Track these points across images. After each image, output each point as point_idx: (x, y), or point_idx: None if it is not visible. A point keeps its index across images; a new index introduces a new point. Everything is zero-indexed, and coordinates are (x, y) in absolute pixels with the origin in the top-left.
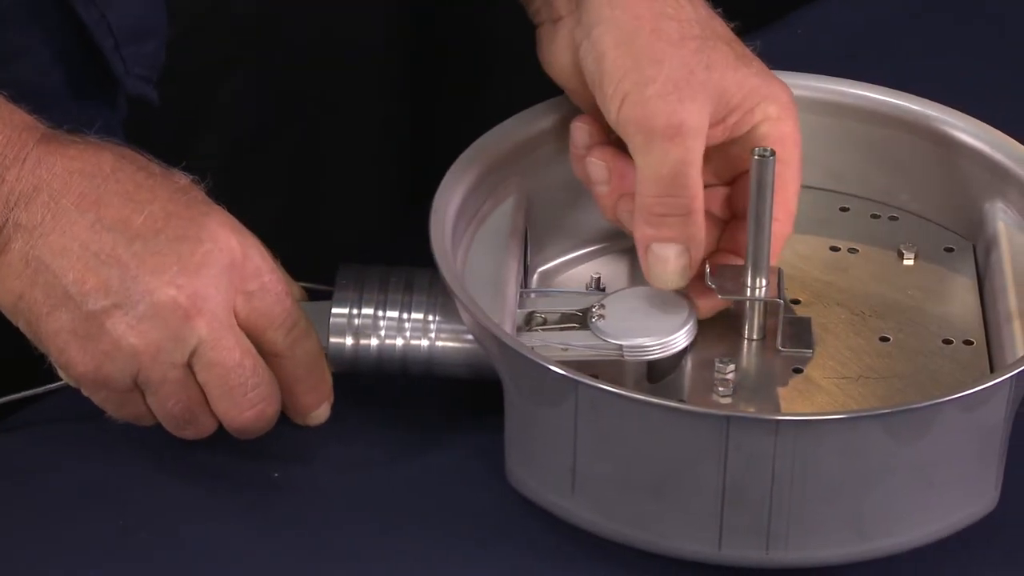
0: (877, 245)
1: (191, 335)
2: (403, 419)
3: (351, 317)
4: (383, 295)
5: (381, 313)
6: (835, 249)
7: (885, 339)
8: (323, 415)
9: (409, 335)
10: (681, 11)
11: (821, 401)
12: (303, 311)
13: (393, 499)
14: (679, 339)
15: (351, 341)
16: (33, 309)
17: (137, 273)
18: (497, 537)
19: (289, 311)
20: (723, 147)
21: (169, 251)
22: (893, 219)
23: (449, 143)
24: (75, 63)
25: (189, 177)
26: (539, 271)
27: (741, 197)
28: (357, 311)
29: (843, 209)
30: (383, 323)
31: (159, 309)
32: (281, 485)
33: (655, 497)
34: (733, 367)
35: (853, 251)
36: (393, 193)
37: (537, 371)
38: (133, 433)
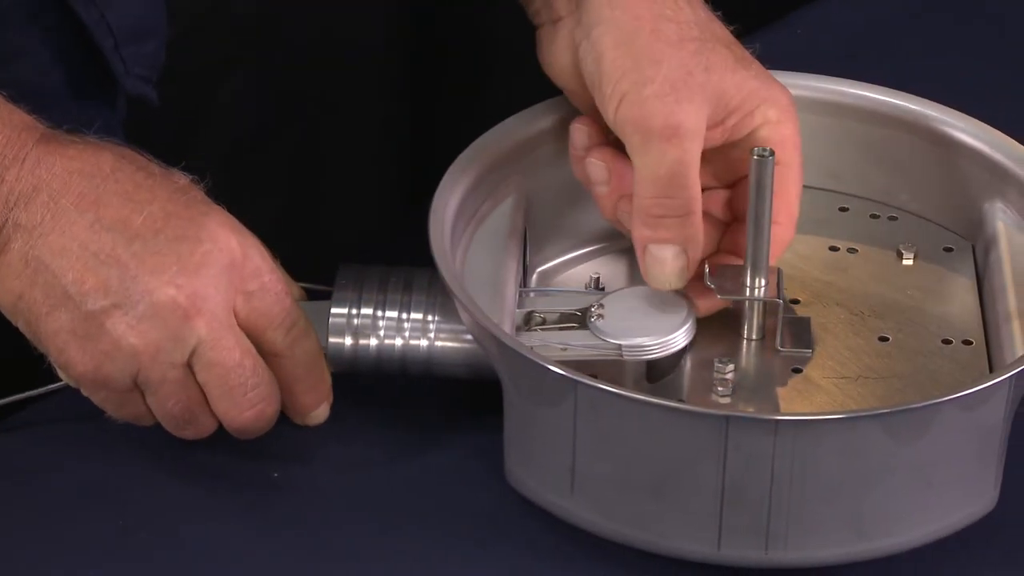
0: (876, 245)
1: (191, 335)
2: (402, 419)
3: (350, 317)
4: (382, 295)
5: (380, 313)
6: (834, 249)
7: (884, 339)
8: (322, 415)
9: (408, 335)
10: (680, 13)
11: (820, 401)
12: (302, 311)
13: (392, 499)
14: (678, 339)
15: (350, 341)
16: (33, 309)
17: (136, 273)
18: (496, 537)
19: (288, 311)
20: (723, 150)
21: (168, 251)
22: (892, 219)
23: (449, 143)
24: (75, 63)
25: (188, 177)
26: (538, 271)
27: (742, 200)
28: (356, 311)
29: (842, 209)
30: (382, 323)
31: (158, 309)
32: (281, 485)
33: (654, 497)
34: (732, 367)
35: (852, 251)
36: (393, 193)
37: (536, 371)
38: (133, 433)
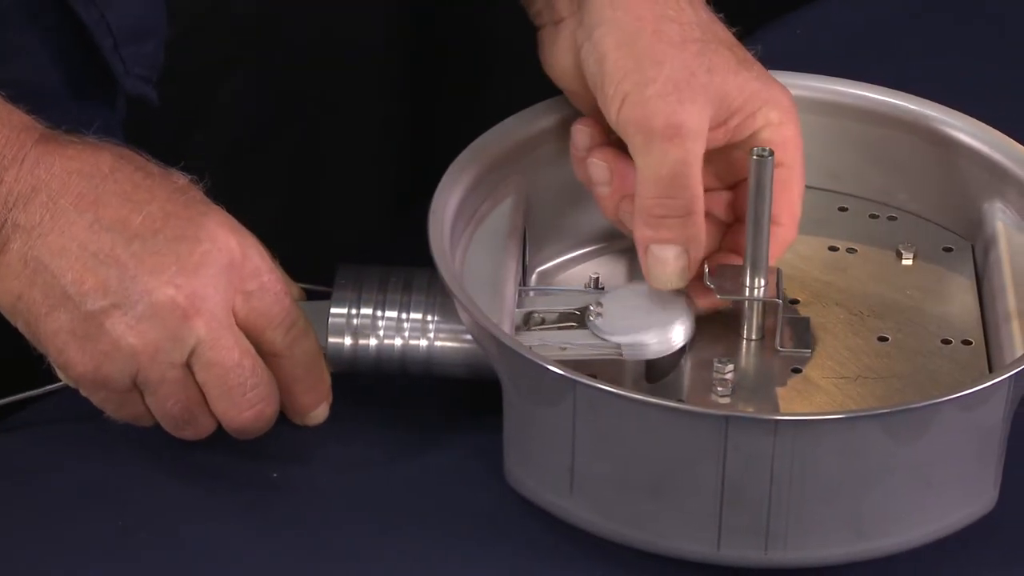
0: (876, 245)
1: (190, 335)
2: (402, 419)
3: (350, 317)
4: (382, 295)
5: (380, 313)
6: (834, 249)
7: (884, 339)
8: (322, 415)
9: (408, 335)
10: (683, 14)
11: (820, 401)
12: (302, 311)
13: (392, 499)
14: (677, 335)
15: (350, 341)
16: (32, 309)
17: (136, 273)
18: (496, 537)
19: (288, 311)
20: (725, 151)
21: (168, 251)
22: (892, 219)
23: (449, 143)
24: (74, 63)
25: (187, 177)
26: (538, 271)
27: (744, 201)
28: (356, 311)
29: (842, 209)
30: (382, 323)
31: (158, 309)
32: (280, 485)
33: (654, 497)
34: (732, 367)
35: (852, 251)
36: (393, 193)
37: (535, 371)
38: (132, 433)
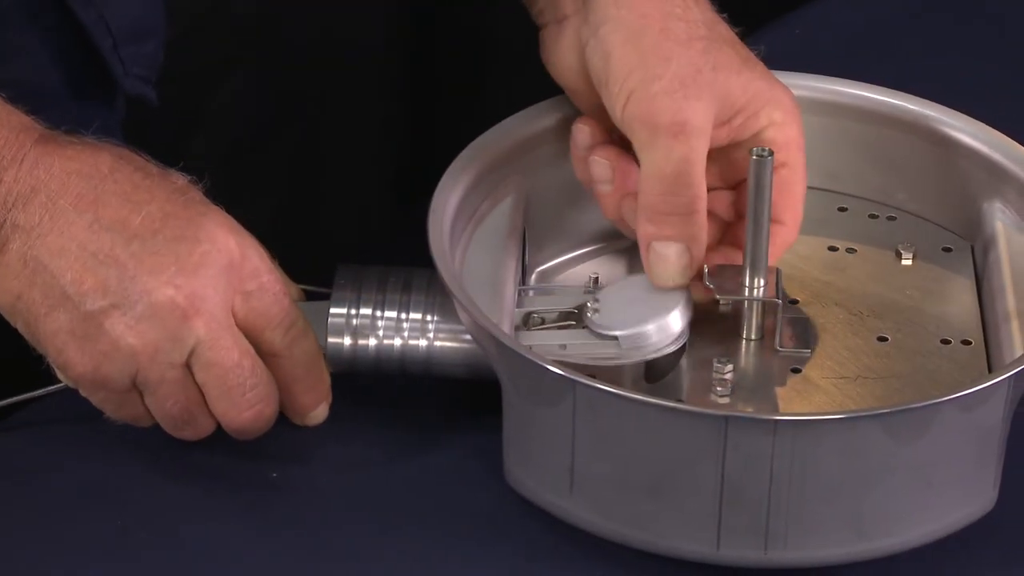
0: (875, 245)
1: (189, 335)
2: (401, 419)
3: (349, 317)
4: (381, 295)
5: (379, 313)
6: (833, 249)
7: (883, 339)
8: (321, 415)
9: (407, 335)
10: (689, 12)
11: (819, 401)
12: (301, 311)
13: (391, 499)
14: (675, 322)
15: (349, 341)
16: (31, 309)
17: (135, 273)
18: (495, 537)
19: (287, 311)
20: (728, 150)
21: (167, 251)
22: (891, 219)
23: (449, 143)
24: (74, 63)
25: (187, 177)
26: (537, 271)
27: (746, 201)
28: (355, 311)
29: (841, 209)
30: (381, 323)
31: (157, 309)
32: (279, 485)
33: (653, 497)
34: (731, 367)
35: (851, 251)
36: (393, 193)
37: (535, 371)
38: (132, 434)
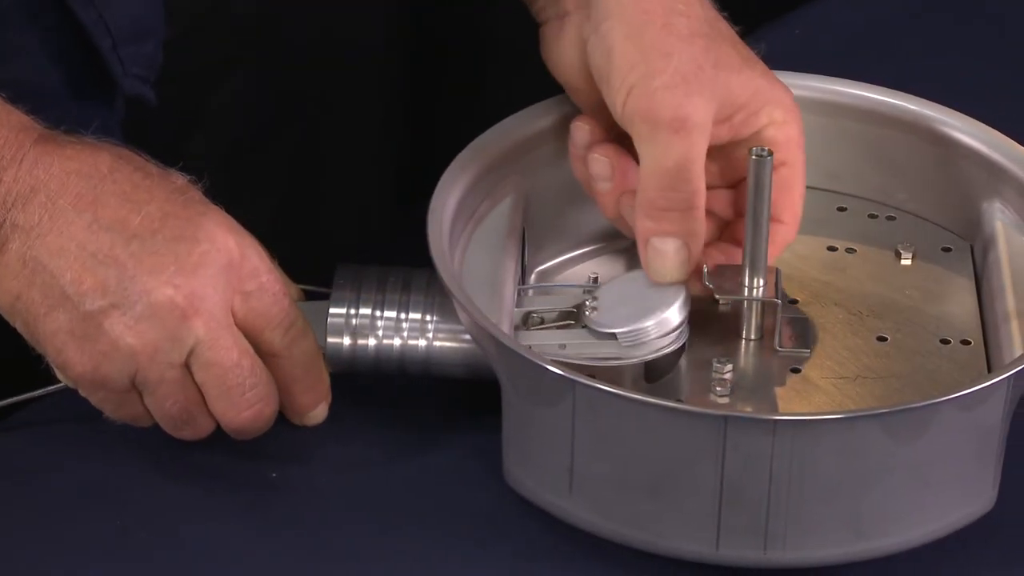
0: (875, 245)
1: (188, 335)
2: (401, 419)
3: (349, 317)
4: (381, 295)
5: (379, 313)
6: (833, 249)
7: (883, 339)
8: (321, 415)
9: (407, 335)
10: (691, 8)
11: (819, 401)
12: (300, 311)
13: (391, 499)
14: (673, 315)
15: (349, 341)
16: (31, 309)
17: (134, 273)
18: (495, 537)
19: (286, 311)
20: (727, 149)
21: (166, 251)
22: (891, 219)
23: (448, 143)
24: (73, 63)
25: (186, 177)
26: (536, 271)
27: (744, 201)
28: (355, 311)
29: (841, 209)
30: (381, 323)
31: (156, 309)
32: (279, 485)
33: (653, 497)
34: (731, 367)
35: (851, 251)
36: (393, 193)
37: (534, 371)
38: (132, 434)
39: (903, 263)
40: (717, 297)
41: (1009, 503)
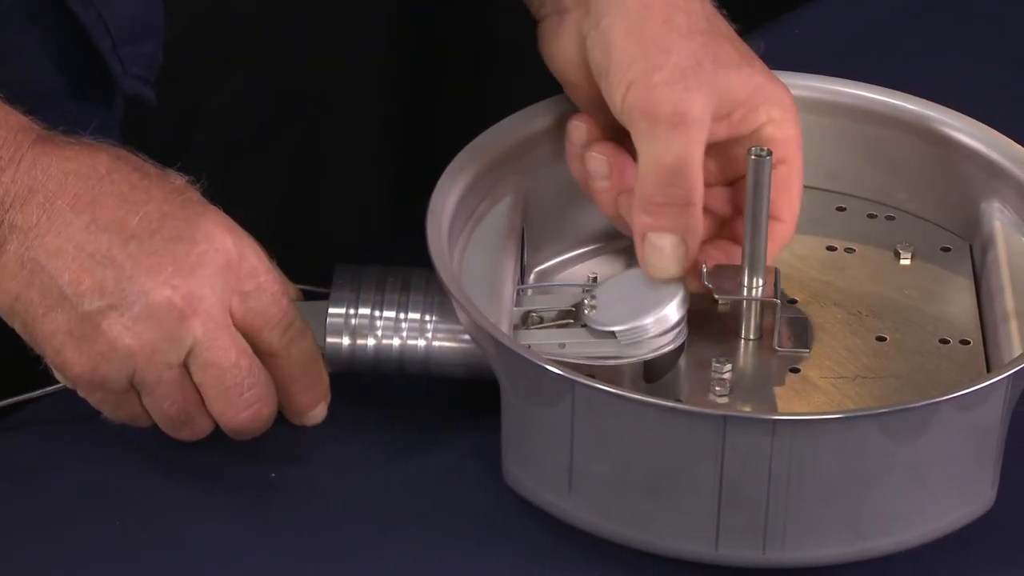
0: (874, 245)
1: (187, 335)
2: (400, 419)
3: (348, 317)
4: (380, 295)
5: (378, 313)
6: (832, 249)
7: (882, 339)
8: (320, 415)
9: (406, 335)
10: (690, 4)
11: (818, 401)
12: (299, 311)
13: (390, 499)
14: (672, 312)
15: (348, 341)
16: (29, 310)
17: (132, 274)
18: (494, 537)
19: (285, 311)
20: (725, 146)
21: (165, 252)
22: (890, 219)
23: (448, 143)
24: (73, 63)
25: (185, 178)
26: (536, 271)
27: (742, 198)
28: (354, 311)
29: (840, 209)
30: (380, 323)
31: (154, 310)
32: (278, 485)
33: (652, 497)
34: (730, 367)
35: (850, 251)
36: (393, 193)
37: (534, 371)
38: (131, 434)
39: (902, 263)
40: (716, 297)
41: (1008, 503)
